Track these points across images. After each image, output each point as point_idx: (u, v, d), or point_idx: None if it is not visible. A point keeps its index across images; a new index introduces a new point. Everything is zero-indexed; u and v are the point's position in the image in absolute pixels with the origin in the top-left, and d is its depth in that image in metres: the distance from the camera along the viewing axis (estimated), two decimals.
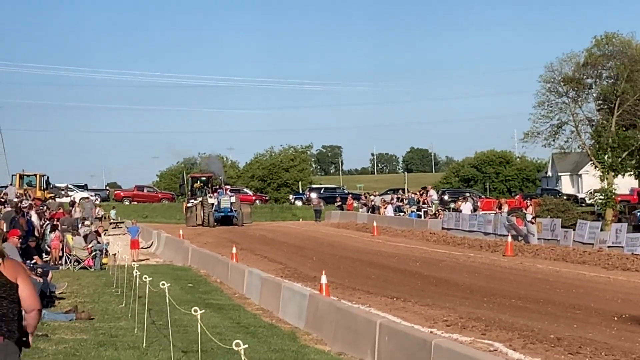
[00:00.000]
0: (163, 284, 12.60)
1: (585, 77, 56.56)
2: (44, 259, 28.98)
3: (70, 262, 29.14)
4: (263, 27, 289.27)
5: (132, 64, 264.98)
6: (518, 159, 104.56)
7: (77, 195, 70.16)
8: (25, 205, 35.07)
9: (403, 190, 71.86)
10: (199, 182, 62.72)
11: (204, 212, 57.51)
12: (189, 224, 57.24)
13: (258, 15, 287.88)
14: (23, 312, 6.57)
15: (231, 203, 57.96)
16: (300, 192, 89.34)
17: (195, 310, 10.10)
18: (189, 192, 62.54)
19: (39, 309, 6.67)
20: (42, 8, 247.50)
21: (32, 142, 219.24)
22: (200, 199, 58.52)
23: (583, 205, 66.44)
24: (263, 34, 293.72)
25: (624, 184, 65.14)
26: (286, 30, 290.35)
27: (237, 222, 57.38)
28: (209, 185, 61.82)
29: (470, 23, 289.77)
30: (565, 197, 64.36)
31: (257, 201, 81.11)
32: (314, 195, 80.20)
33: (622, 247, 32.26)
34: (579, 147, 59.18)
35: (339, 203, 71.13)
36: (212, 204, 57.42)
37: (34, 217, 32.88)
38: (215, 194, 58.80)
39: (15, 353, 6.49)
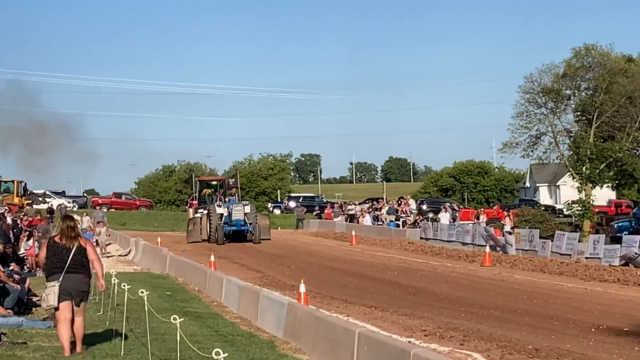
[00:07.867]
0: (142, 292, 12.55)
1: (564, 88, 56.77)
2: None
3: None
4: (242, 35, 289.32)
5: (110, 71, 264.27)
6: (496, 170, 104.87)
7: (55, 202, 69.94)
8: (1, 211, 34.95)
9: (382, 199, 71.99)
10: (208, 187, 53.33)
11: (210, 225, 46.90)
12: (191, 240, 47.20)
13: (237, 24, 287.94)
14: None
15: (245, 214, 47.15)
16: (279, 200, 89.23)
17: (175, 319, 10.06)
18: (197, 200, 53.51)
19: (97, 259, 12.63)
20: (31, 16, 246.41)
21: None
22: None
23: (561, 216, 66.78)
24: (242, 43, 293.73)
25: (601, 195, 65.55)
26: (265, 38, 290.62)
27: (253, 239, 46.40)
28: (222, 192, 50.52)
29: (449, 33, 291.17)
30: (543, 208, 64.58)
31: None
32: (292, 204, 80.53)
33: (599, 258, 32.43)
34: (557, 158, 59.38)
35: (318, 212, 71.19)
36: (221, 215, 46.69)
37: (9, 222, 32.73)
38: (225, 202, 47.86)
39: (89, 285, 12.67)
